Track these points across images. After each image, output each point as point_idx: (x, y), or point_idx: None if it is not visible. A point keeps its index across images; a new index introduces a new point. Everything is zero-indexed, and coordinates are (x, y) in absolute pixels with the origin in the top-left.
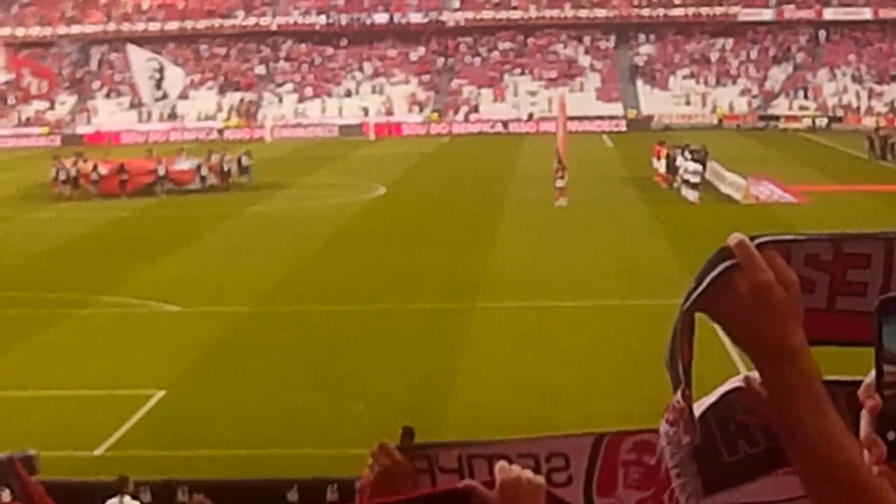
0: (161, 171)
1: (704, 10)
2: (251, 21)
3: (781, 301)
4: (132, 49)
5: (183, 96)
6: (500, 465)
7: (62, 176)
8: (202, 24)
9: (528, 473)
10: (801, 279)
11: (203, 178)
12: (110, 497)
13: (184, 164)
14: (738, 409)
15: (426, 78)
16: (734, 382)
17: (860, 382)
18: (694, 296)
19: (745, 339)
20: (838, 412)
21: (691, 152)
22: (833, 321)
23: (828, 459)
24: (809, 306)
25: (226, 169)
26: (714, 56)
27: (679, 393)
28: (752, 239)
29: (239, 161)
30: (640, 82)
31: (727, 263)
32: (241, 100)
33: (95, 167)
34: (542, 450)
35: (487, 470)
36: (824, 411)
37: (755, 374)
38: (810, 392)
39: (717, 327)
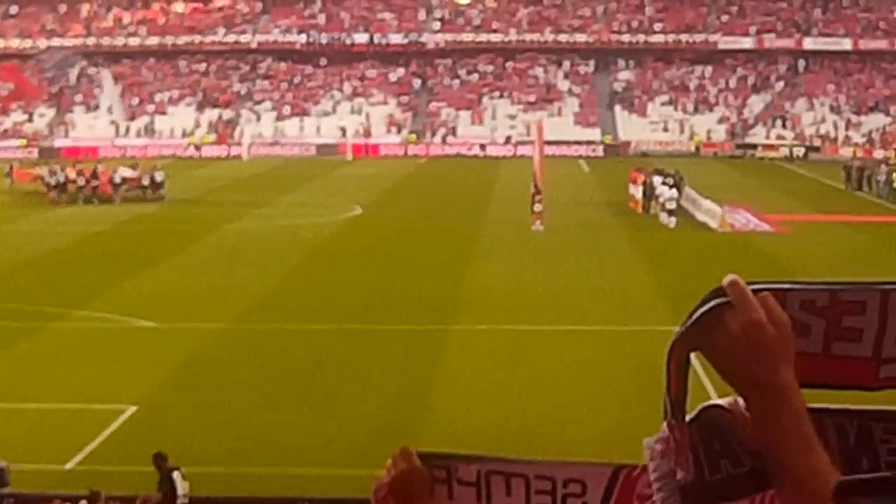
0: (117, 179)
1: (684, 38)
2: (231, 38)
3: (772, 340)
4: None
5: (161, 112)
6: None
7: (53, 181)
8: (182, 41)
9: None
10: (797, 323)
11: (144, 188)
12: None
13: (126, 173)
14: (721, 429)
15: (405, 99)
16: (718, 400)
17: (849, 411)
18: (682, 329)
19: (736, 378)
20: (826, 441)
21: (664, 176)
22: (829, 365)
23: (815, 495)
24: (806, 350)
25: (158, 180)
26: (693, 83)
27: (665, 424)
28: (748, 284)
29: (152, 177)
30: (618, 108)
31: (719, 300)
32: (220, 117)
33: (80, 172)
34: (561, 474)
35: (504, 487)
36: (813, 448)
37: (742, 400)
38: (799, 430)
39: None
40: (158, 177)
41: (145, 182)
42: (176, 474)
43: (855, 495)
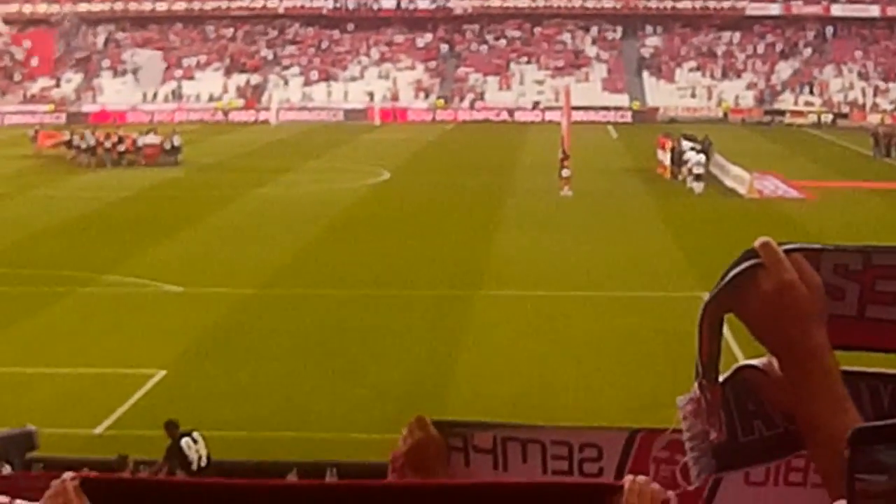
0: (140, 144)
1: (712, 4)
2: (258, 3)
3: (805, 301)
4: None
5: (189, 77)
6: (630, 479)
7: (83, 145)
8: (209, 6)
9: (658, 489)
10: (830, 287)
11: (166, 152)
12: None
13: (149, 140)
14: (755, 390)
15: (432, 64)
16: (752, 360)
17: (883, 374)
18: (715, 290)
19: (769, 338)
20: (860, 404)
21: (692, 141)
22: (863, 328)
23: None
24: (840, 313)
25: (176, 144)
26: (721, 49)
27: (696, 384)
28: (780, 245)
29: (171, 142)
30: (646, 74)
31: (751, 262)
32: (247, 82)
33: (108, 136)
34: (576, 439)
35: (521, 454)
36: (846, 409)
37: (776, 361)
38: (832, 390)
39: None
40: (177, 141)
41: (167, 147)
42: (185, 441)
43: (871, 442)
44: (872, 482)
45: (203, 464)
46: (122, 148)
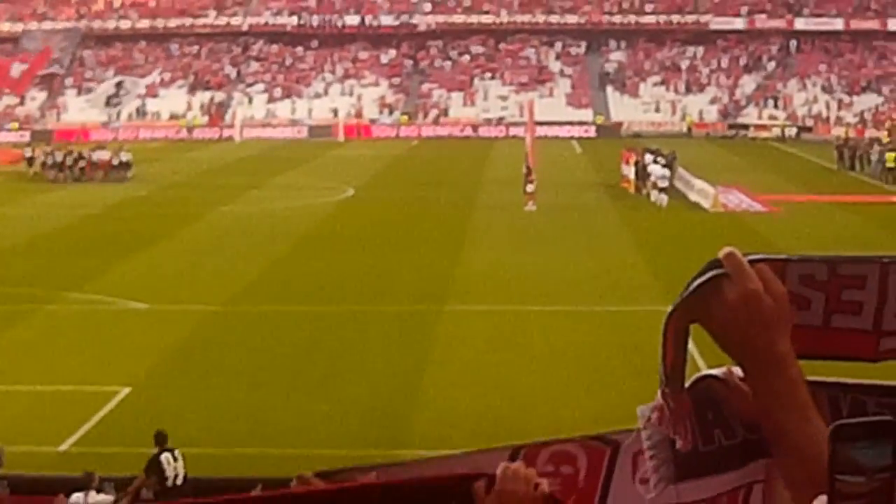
0: (94, 159)
1: (675, 18)
2: (222, 21)
3: (769, 310)
4: None
5: (153, 95)
6: (503, 466)
7: (50, 161)
8: (173, 23)
9: (531, 472)
10: (796, 297)
11: (115, 168)
12: (74, 492)
13: (101, 155)
14: (715, 400)
15: (396, 80)
16: (711, 370)
17: (843, 384)
18: (680, 299)
19: (734, 347)
20: (821, 414)
21: (656, 154)
22: (829, 338)
23: (813, 462)
24: (806, 323)
25: (125, 160)
26: (684, 64)
27: (659, 393)
28: (745, 256)
29: (120, 158)
30: (610, 89)
31: (716, 272)
32: (211, 99)
33: (69, 153)
34: (460, 468)
35: None
36: (810, 417)
37: (737, 370)
38: (797, 398)
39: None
40: (125, 156)
41: (115, 162)
42: (165, 457)
43: (851, 439)
44: (851, 483)
45: (179, 482)
46: (81, 164)
